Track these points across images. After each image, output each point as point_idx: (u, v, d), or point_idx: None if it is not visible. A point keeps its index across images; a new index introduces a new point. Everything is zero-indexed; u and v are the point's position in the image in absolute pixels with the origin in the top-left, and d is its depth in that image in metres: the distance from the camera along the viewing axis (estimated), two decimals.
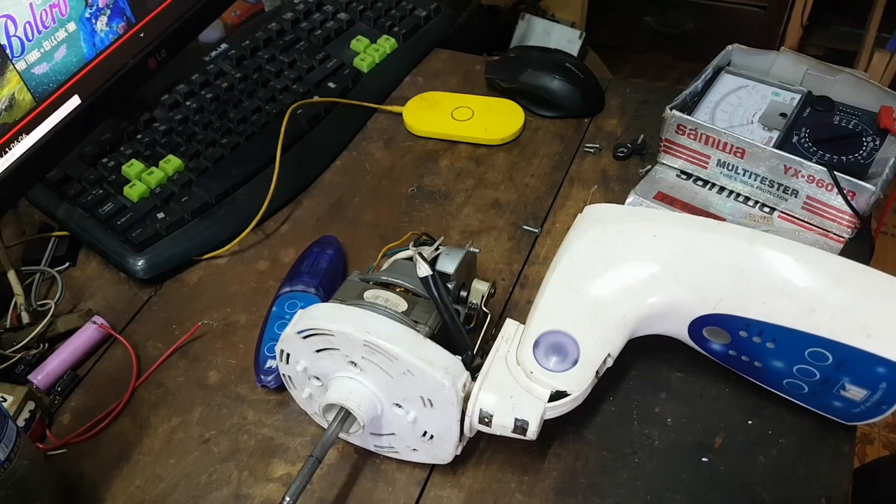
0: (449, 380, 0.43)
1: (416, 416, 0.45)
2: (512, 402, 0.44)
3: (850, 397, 0.46)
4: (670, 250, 0.48)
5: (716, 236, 0.47)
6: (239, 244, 0.65)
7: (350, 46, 0.80)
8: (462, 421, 0.44)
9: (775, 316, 0.45)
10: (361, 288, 0.49)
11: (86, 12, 0.60)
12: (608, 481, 0.49)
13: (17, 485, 0.43)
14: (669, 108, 0.62)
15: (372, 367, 0.44)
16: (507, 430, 0.44)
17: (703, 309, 0.47)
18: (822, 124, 0.62)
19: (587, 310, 0.47)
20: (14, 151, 0.57)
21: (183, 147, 0.69)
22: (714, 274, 0.46)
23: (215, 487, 0.50)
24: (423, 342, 0.44)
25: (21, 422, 0.52)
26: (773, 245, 0.46)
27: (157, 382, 0.56)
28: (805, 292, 0.44)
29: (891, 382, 0.43)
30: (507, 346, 0.47)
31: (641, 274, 0.48)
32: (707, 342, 0.49)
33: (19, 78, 0.56)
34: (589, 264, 0.48)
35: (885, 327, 0.43)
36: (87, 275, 0.65)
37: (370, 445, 0.50)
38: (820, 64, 0.65)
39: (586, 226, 0.50)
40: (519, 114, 0.73)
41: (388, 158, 0.72)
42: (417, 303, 0.48)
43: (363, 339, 0.43)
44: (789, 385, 0.48)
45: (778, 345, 0.46)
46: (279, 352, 0.47)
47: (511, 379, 0.45)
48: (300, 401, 0.50)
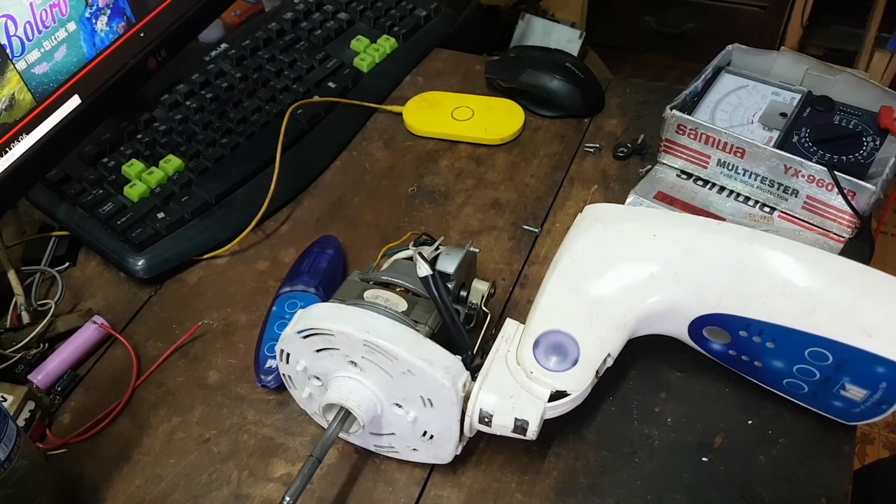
0: (449, 379, 0.43)
1: (417, 415, 0.45)
2: (512, 402, 0.44)
3: (851, 397, 0.46)
4: (670, 250, 0.48)
5: (716, 236, 0.47)
6: (239, 244, 0.65)
7: (350, 46, 0.80)
8: (462, 421, 0.45)
9: (775, 316, 0.45)
10: (361, 288, 0.49)
11: (86, 12, 0.60)
12: (608, 481, 0.49)
13: (17, 485, 0.43)
14: (669, 107, 0.62)
15: (372, 366, 0.44)
16: (507, 430, 0.44)
17: (704, 309, 0.47)
18: (822, 124, 0.61)
19: (587, 309, 0.47)
20: (14, 151, 0.57)
21: (183, 147, 0.69)
22: (714, 274, 0.46)
23: (215, 487, 0.50)
24: (424, 342, 0.44)
25: (21, 422, 0.52)
26: (773, 245, 0.46)
27: (157, 382, 0.56)
28: (805, 292, 0.44)
29: (891, 382, 0.43)
30: (507, 346, 0.47)
31: (641, 274, 0.48)
32: (707, 342, 0.49)
33: (19, 78, 0.56)
34: (589, 264, 0.48)
35: (885, 327, 0.43)
36: (87, 275, 0.65)
37: (370, 445, 0.50)
38: (820, 64, 0.65)
39: (586, 226, 0.50)
40: (519, 114, 0.73)
41: (388, 158, 0.72)
42: (417, 303, 0.48)
43: (363, 339, 0.43)
44: (789, 385, 0.48)
45: (778, 345, 0.46)
46: (279, 351, 0.47)
47: (511, 379, 0.45)
48: (300, 401, 0.50)
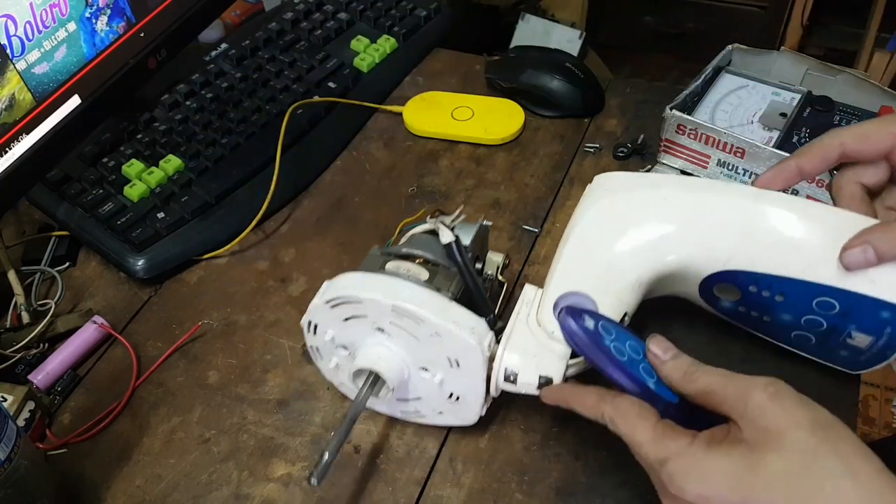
0: (476, 339, 0.44)
1: (443, 377, 0.47)
2: (535, 361, 0.45)
3: (856, 345, 0.47)
4: (680, 212, 0.49)
5: (723, 196, 0.49)
6: (239, 244, 0.65)
7: (350, 46, 0.80)
8: (488, 381, 0.46)
9: (783, 269, 0.46)
10: (383, 260, 0.50)
11: (86, 12, 0.60)
12: (608, 481, 0.49)
13: (17, 484, 0.43)
14: (669, 107, 0.62)
15: (399, 331, 0.46)
16: (531, 388, 0.46)
17: (714, 266, 0.48)
18: (822, 124, 0.62)
19: (602, 272, 0.49)
20: (14, 151, 0.57)
21: (183, 147, 0.69)
22: (723, 232, 0.48)
23: (215, 487, 0.50)
24: (450, 305, 0.45)
25: (21, 422, 0.52)
26: (778, 202, 0.47)
27: (157, 382, 0.56)
28: (811, 245, 0.46)
29: (895, 327, 0.45)
30: (527, 309, 0.48)
31: (653, 236, 0.49)
32: (718, 301, 0.51)
33: (19, 78, 0.56)
34: (602, 229, 0.50)
35: (888, 273, 0.44)
36: (87, 275, 0.65)
37: (397, 412, 0.51)
38: (820, 64, 0.65)
39: (597, 195, 0.52)
40: (519, 114, 0.73)
41: (388, 158, 0.72)
42: (437, 272, 0.49)
43: (392, 304, 0.44)
44: (797, 338, 0.49)
45: (786, 297, 0.47)
46: (307, 323, 0.48)
47: (533, 339, 0.46)
48: (327, 372, 0.51)
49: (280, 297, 0.61)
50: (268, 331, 0.59)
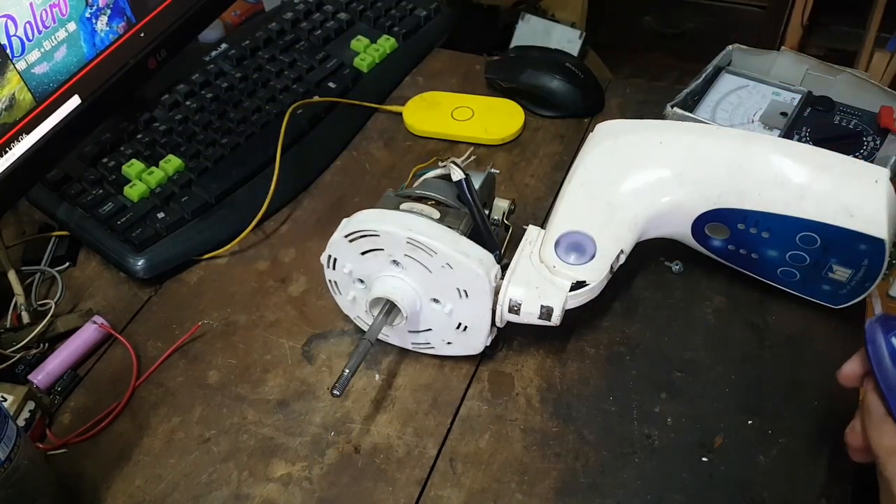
0: (483, 270, 0.48)
1: (453, 308, 0.50)
2: (538, 292, 0.49)
3: (837, 278, 0.51)
4: (675, 154, 0.53)
5: (714, 139, 0.53)
6: (239, 244, 0.65)
7: (350, 46, 0.80)
8: (494, 311, 0.50)
9: (769, 205, 0.50)
10: (397, 202, 0.53)
11: (86, 12, 0.60)
12: (608, 481, 0.49)
13: (18, 484, 0.43)
14: (670, 105, 0.62)
15: (413, 264, 0.49)
16: (533, 318, 0.49)
17: (706, 205, 0.52)
18: (822, 124, 0.62)
19: (602, 212, 0.52)
20: (14, 151, 0.57)
21: (183, 147, 0.69)
22: (714, 172, 0.51)
23: (215, 487, 0.50)
24: (460, 238, 0.49)
25: (21, 422, 0.52)
26: (765, 143, 0.51)
27: (157, 382, 0.56)
28: (794, 182, 0.49)
29: (872, 259, 0.48)
30: (530, 247, 0.52)
31: (650, 178, 0.53)
32: (709, 239, 0.54)
33: (19, 78, 0.56)
34: (602, 172, 0.54)
35: (864, 207, 0.47)
36: (87, 275, 0.65)
37: (408, 344, 0.55)
38: (820, 64, 0.65)
39: (598, 140, 0.55)
40: (519, 114, 0.73)
41: (388, 158, 0.72)
42: (448, 212, 0.52)
43: (406, 237, 0.48)
44: (783, 273, 0.53)
45: (772, 234, 0.51)
46: (326, 258, 0.52)
47: (536, 273, 0.50)
48: (344, 306, 0.55)
49: (280, 298, 0.61)
50: (268, 331, 0.59)
